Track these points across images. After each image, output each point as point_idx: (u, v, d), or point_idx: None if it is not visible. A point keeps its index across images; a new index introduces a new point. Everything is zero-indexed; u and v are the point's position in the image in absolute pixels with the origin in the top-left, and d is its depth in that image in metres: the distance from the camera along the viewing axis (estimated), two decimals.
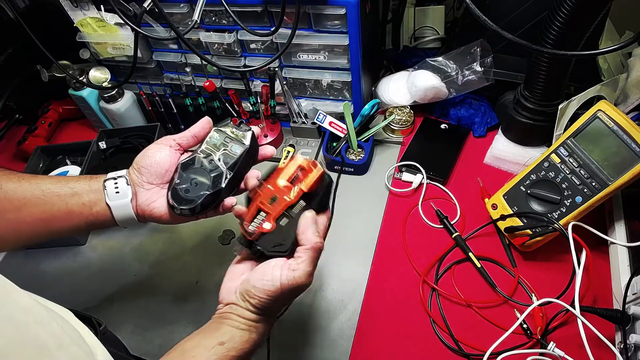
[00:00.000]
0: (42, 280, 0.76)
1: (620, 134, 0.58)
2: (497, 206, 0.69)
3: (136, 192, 0.52)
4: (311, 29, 0.75)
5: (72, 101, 0.96)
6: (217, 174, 0.51)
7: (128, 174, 0.53)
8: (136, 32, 0.71)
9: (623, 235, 0.64)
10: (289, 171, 0.48)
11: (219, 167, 0.51)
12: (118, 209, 0.52)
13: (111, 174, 0.53)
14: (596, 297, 0.63)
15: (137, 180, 0.52)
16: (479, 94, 0.86)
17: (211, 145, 0.52)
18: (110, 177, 0.53)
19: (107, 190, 0.52)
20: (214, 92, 0.83)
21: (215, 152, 0.52)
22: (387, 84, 0.90)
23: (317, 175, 0.48)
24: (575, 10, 0.57)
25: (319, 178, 0.48)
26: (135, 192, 0.52)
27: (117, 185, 0.52)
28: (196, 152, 0.52)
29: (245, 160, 0.52)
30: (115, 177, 0.53)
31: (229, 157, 0.52)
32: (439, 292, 0.67)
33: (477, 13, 0.59)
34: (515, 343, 0.60)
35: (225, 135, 0.52)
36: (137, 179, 0.52)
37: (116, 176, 0.53)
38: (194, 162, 0.51)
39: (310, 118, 0.88)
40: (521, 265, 0.68)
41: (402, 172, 0.82)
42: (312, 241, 0.46)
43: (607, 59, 0.79)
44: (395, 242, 0.74)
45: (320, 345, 0.64)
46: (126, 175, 0.53)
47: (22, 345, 0.36)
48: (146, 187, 0.52)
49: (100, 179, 0.53)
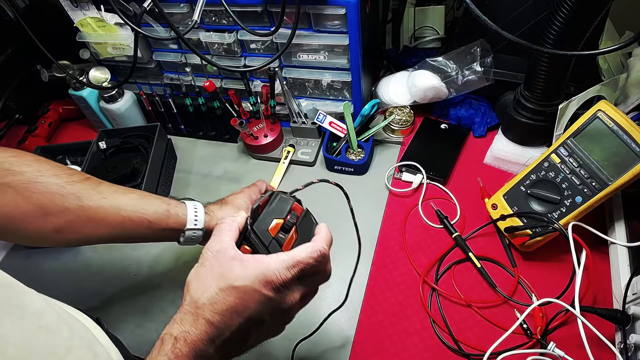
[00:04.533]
0: (42, 280, 0.76)
1: (620, 134, 0.58)
2: (497, 206, 0.69)
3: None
4: (311, 29, 0.75)
5: (72, 101, 0.96)
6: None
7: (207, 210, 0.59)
8: (136, 32, 0.71)
9: (623, 235, 0.64)
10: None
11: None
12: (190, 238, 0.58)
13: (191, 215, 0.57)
14: (596, 297, 0.63)
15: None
16: (479, 94, 0.86)
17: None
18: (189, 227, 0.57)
19: (185, 235, 0.57)
20: (214, 92, 0.83)
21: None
22: (387, 84, 0.90)
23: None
24: (575, 10, 0.57)
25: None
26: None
27: (194, 235, 0.57)
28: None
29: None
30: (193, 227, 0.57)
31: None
32: (439, 292, 0.67)
33: (477, 13, 0.59)
34: (515, 343, 0.60)
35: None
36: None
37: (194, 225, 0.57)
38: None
39: (310, 118, 0.88)
40: (521, 265, 0.68)
41: (402, 172, 0.82)
42: (319, 243, 0.44)
43: (607, 59, 0.79)
44: (395, 242, 0.74)
45: (321, 344, 0.64)
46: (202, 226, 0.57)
47: (30, 353, 0.36)
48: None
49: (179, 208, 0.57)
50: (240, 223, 0.44)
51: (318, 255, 0.42)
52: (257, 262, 0.40)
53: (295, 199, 0.46)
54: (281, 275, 0.40)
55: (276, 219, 0.44)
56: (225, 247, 0.42)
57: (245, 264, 0.40)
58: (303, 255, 0.41)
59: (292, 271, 0.41)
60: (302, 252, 0.42)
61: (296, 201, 0.46)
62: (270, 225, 0.43)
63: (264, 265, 0.40)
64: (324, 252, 0.43)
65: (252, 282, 0.39)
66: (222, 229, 0.44)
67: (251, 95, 0.86)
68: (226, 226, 0.44)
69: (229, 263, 0.40)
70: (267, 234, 0.43)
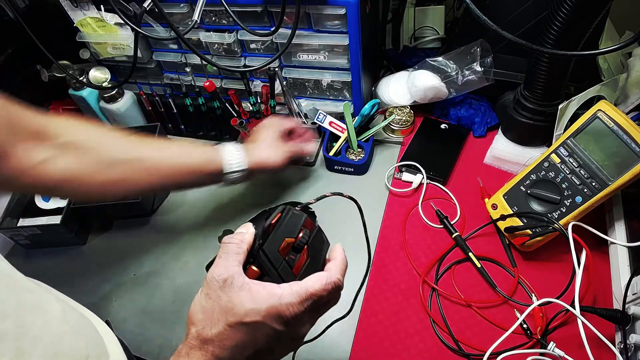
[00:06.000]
0: (42, 280, 0.76)
1: (620, 134, 0.58)
2: (497, 206, 0.69)
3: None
4: (311, 29, 0.75)
5: (72, 101, 0.96)
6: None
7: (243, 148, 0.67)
8: (136, 32, 0.71)
9: (623, 235, 0.64)
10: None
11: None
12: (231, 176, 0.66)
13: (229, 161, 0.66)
14: (596, 297, 0.63)
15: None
16: (479, 94, 0.86)
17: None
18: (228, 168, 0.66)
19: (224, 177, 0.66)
20: (214, 92, 0.83)
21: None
22: (387, 84, 0.90)
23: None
24: (575, 10, 0.57)
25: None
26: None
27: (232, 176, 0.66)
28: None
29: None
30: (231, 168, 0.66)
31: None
32: (439, 292, 0.67)
33: (477, 13, 0.59)
34: (515, 343, 0.60)
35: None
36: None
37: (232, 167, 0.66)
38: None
39: (310, 118, 0.88)
40: (521, 265, 0.68)
41: (402, 172, 0.82)
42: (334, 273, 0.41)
43: (607, 59, 0.79)
44: (395, 242, 0.74)
45: (321, 345, 0.64)
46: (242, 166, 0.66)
47: (56, 354, 0.37)
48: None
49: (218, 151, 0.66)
50: (248, 242, 0.41)
51: (333, 288, 0.40)
52: (269, 295, 0.37)
53: (307, 214, 0.43)
54: (294, 309, 0.37)
55: (287, 238, 0.40)
56: (232, 275, 0.38)
57: (255, 296, 0.37)
58: (317, 287, 0.39)
59: (305, 304, 0.38)
60: (315, 283, 0.39)
61: (308, 215, 0.43)
62: (280, 245, 0.40)
63: (275, 298, 0.37)
64: (338, 284, 0.40)
65: (263, 318, 0.37)
66: (228, 251, 0.40)
67: (251, 95, 0.86)
68: (233, 248, 0.40)
69: (237, 295, 0.37)
70: (278, 255, 0.40)
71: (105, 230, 0.82)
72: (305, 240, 0.41)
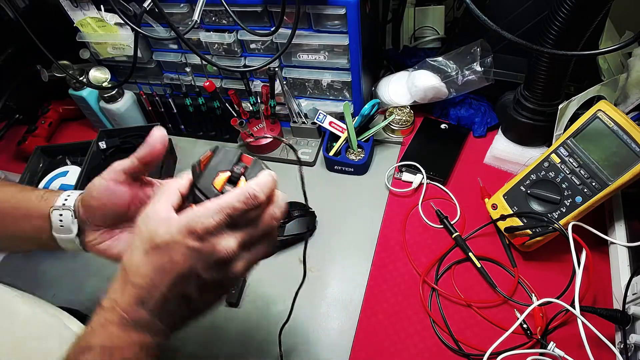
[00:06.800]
0: (42, 280, 0.76)
1: (620, 134, 0.58)
2: (497, 206, 0.69)
3: (84, 229, 0.46)
4: (311, 29, 0.75)
5: (72, 101, 0.96)
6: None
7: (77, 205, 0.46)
8: (136, 32, 0.71)
9: (623, 235, 0.64)
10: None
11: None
12: (63, 242, 0.46)
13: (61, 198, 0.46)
14: (596, 297, 0.63)
15: (84, 218, 0.45)
16: (479, 94, 0.86)
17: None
18: (58, 205, 0.46)
19: (52, 222, 0.45)
20: (214, 92, 0.83)
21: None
22: (387, 84, 0.90)
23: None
24: (575, 10, 0.57)
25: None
26: (84, 229, 0.46)
27: (62, 219, 0.45)
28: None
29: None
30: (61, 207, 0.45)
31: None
32: (439, 292, 0.67)
33: (477, 13, 0.59)
34: (515, 343, 0.60)
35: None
36: (84, 216, 0.45)
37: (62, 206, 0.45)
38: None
39: (310, 118, 0.88)
40: (521, 265, 0.68)
41: (402, 172, 0.82)
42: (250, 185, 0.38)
43: (607, 59, 0.79)
44: (395, 242, 0.74)
45: (321, 345, 0.64)
46: (72, 208, 0.45)
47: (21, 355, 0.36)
48: (93, 228, 0.46)
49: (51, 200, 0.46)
50: (182, 185, 0.40)
51: (247, 198, 0.37)
52: (183, 215, 0.36)
53: (243, 150, 0.42)
54: (205, 222, 0.35)
55: (221, 172, 0.39)
56: (156, 210, 0.37)
57: (171, 221, 0.36)
58: (229, 199, 0.36)
59: (217, 217, 0.36)
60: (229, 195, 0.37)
61: (245, 153, 0.42)
62: (214, 178, 0.39)
63: (189, 216, 0.36)
64: (254, 194, 0.37)
65: (173, 236, 0.35)
66: (160, 192, 0.39)
67: (251, 95, 0.86)
68: (164, 189, 0.39)
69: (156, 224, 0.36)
70: (212, 188, 0.38)
71: None
72: (241, 172, 0.40)
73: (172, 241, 0.35)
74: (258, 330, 0.66)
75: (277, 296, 0.69)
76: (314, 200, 0.78)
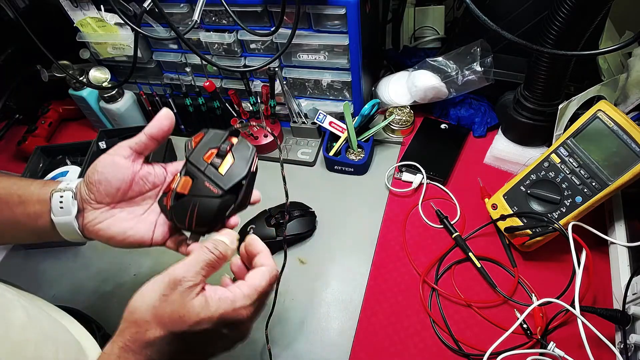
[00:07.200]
0: (42, 280, 0.76)
1: (620, 134, 0.58)
2: (497, 206, 0.69)
3: (83, 209, 0.46)
4: (311, 29, 0.75)
5: (72, 101, 0.96)
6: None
7: (78, 186, 0.46)
8: (136, 32, 0.71)
9: (623, 235, 0.64)
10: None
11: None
12: (62, 225, 0.45)
13: (63, 183, 0.47)
14: (596, 297, 0.63)
15: (85, 197, 0.45)
16: (479, 94, 0.86)
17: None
18: (59, 188, 0.46)
19: (52, 204, 0.45)
20: (214, 92, 0.83)
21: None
22: (387, 84, 0.90)
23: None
24: (575, 10, 0.57)
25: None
26: (83, 209, 0.46)
27: (62, 200, 0.45)
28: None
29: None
30: (63, 189, 0.46)
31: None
32: (439, 292, 0.67)
33: (477, 13, 0.59)
34: (515, 343, 0.60)
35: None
36: (85, 195, 0.45)
37: (64, 188, 0.46)
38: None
39: (310, 118, 0.88)
40: (521, 265, 0.68)
41: (402, 172, 0.82)
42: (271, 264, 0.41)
43: (607, 59, 0.79)
44: (395, 242, 0.74)
45: (321, 345, 0.64)
46: (74, 189, 0.46)
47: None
48: (94, 206, 0.46)
49: (51, 187, 0.47)
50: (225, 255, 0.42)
51: (274, 279, 0.41)
52: (221, 300, 0.37)
53: (230, 133, 0.47)
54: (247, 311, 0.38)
55: (211, 148, 0.45)
56: (192, 280, 0.38)
57: (209, 302, 0.37)
58: (264, 284, 0.40)
59: (256, 303, 0.39)
60: (262, 280, 0.40)
61: (231, 134, 0.47)
62: (205, 154, 0.44)
63: (228, 303, 0.37)
64: (277, 274, 0.42)
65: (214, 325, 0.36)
66: (202, 257, 0.40)
67: (251, 95, 0.86)
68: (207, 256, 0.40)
69: (191, 302, 0.36)
70: (203, 161, 0.44)
71: None
72: (228, 147, 0.45)
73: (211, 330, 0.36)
74: (256, 330, 0.66)
75: (276, 296, 0.69)
76: (314, 200, 0.79)
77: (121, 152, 0.45)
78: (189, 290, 0.37)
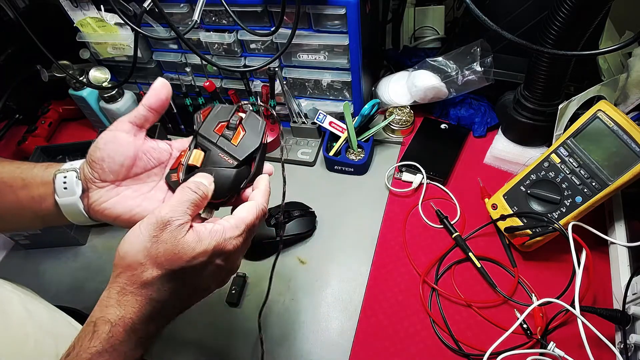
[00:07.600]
0: (42, 280, 0.76)
1: (620, 134, 0.58)
2: (497, 206, 0.69)
3: (88, 188, 0.44)
4: (311, 29, 0.75)
5: (72, 101, 0.96)
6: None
7: (81, 166, 0.45)
8: (136, 32, 0.71)
9: (623, 235, 0.64)
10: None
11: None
12: (66, 207, 0.44)
13: (67, 164, 0.45)
14: (596, 297, 0.63)
15: (89, 176, 0.44)
16: (479, 94, 0.86)
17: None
18: (63, 168, 0.45)
19: (55, 185, 0.44)
20: (214, 92, 0.83)
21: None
22: (387, 84, 0.90)
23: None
24: (575, 10, 0.57)
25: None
26: (87, 188, 0.44)
27: (66, 180, 0.44)
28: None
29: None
30: (66, 170, 0.45)
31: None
32: (439, 292, 0.67)
33: (477, 13, 0.59)
34: (515, 343, 0.60)
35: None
36: (89, 174, 0.44)
37: (68, 168, 0.45)
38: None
39: (310, 118, 0.88)
40: (521, 265, 0.68)
41: (402, 172, 0.82)
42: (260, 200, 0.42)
43: (607, 59, 0.79)
44: (395, 242, 0.74)
45: (321, 345, 0.64)
46: (78, 169, 0.44)
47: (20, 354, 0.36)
48: (98, 185, 0.44)
49: (54, 168, 0.45)
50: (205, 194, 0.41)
51: (261, 214, 0.42)
52: (213, 233, 0.38)
53: (238, 107, 0.47)
54: (236, 242, 0.39)
55: (221, 121, 0.45)
56: (179, 218, 0.38)
57: (201, 236, 0.38)
58: (251, 217, 0.41)
59: (243, 235, 0.40)
60: (249, 213, 0.41)
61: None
62: (215, 127, 0.45)
63: (219, 235, 0.38)
64: (265, 210, 0.43)
65: (209, 257, 0.38)
66: (184, 195, 0.40)
67: (251, 95, 0.86)
68: (188, 194, 0.40)
69: (184, 238, 0.37)
70: (214, 133, 0.44)
71: (105, 230, 0.82)
72: (238, 120, 0.45)
73: (207, 262, 0.38)
74: (249, 319, 0.66)
75: (276, 295, 0.69)
76: (314, 200, 0.79)
77: (122, 127, 0.44)
78: (179, 228, 0.37)
